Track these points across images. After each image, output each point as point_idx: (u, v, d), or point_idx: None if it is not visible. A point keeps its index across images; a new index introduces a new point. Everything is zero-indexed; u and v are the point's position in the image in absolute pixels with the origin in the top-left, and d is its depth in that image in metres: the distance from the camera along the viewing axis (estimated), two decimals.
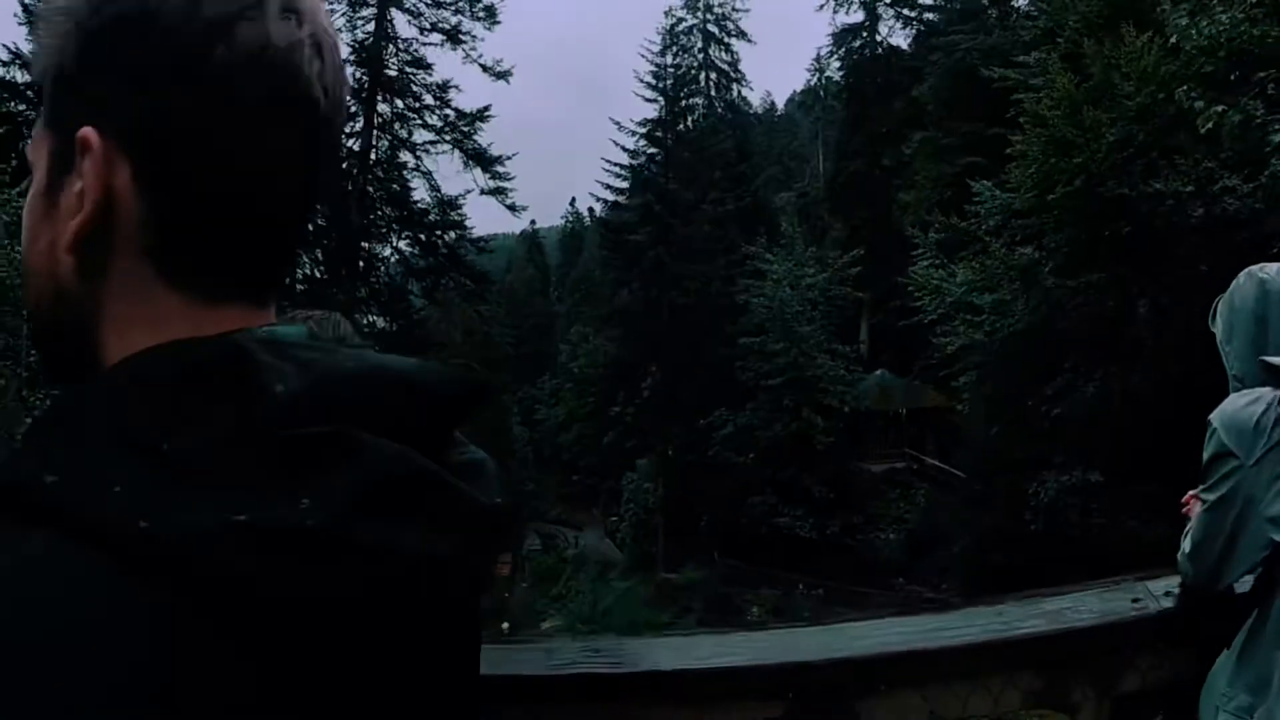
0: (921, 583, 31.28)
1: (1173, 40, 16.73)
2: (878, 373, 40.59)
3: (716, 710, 2.55)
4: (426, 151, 41.19)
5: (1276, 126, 15.55)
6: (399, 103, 40.74)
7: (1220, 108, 12.59)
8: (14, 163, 21.27)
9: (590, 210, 73.65)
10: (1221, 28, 15.19)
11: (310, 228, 40.63)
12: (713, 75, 54.60)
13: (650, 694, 2.61)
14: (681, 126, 46.57)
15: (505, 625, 46.69)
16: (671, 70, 47.38)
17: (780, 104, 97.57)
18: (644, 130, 44.96)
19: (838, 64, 54.06)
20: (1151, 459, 20.67)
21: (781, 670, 2.50)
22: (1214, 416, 2.34)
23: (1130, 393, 20.89)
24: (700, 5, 53.82)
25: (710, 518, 38.94)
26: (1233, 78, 13.81)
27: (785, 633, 2.67)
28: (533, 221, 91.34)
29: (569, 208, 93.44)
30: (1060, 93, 21.14)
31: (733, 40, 54.83)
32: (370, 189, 40.66)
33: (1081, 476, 21.11)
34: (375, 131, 40.26)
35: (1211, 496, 2.40)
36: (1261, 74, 14.12)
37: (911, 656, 2.40)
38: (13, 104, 30.81)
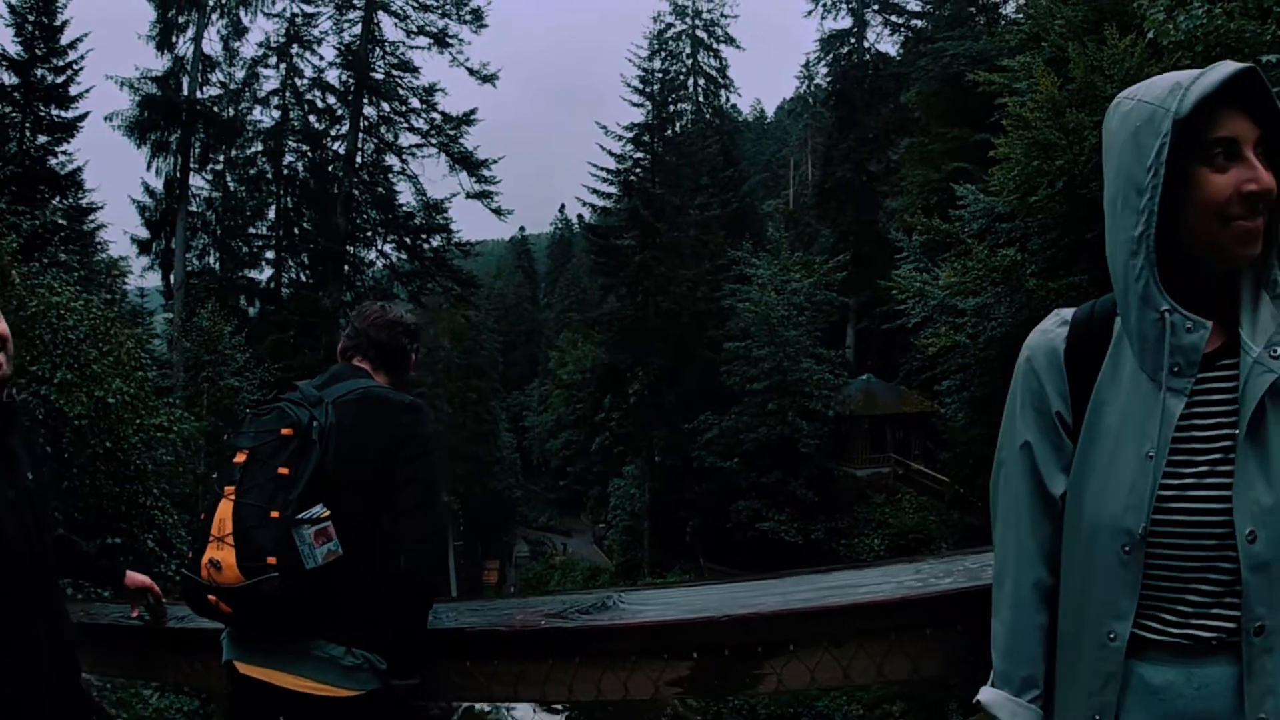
0: None
1: (1150, 35, 16.66)
2: (863, 377, 40.60)
3: (623, 669, 2.48)
4: (413, 155, 41.29)
5: None
6: (385, 106, 40.80)
7: None
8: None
9: (579, 217, 73.65)
10: (1198, 22, 15.16)
11: (296, 231, 40.93)
12: (701, 81, 54.60)
13: (554, 652, 2.54)
14: (669, 132, 46.53)
15: None
16: (659, 75, 47.39)
17: (770, 111, 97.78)
18: (631, 135, 44.92)
19: (825, 70, 54.12)
20: None
21: (687, 627, 2.43)
22: None
23: None
24: (689, 11, 53.87)
25: (696, 522, 38.89)
26: None
27: (692, 590, 2.61)
28: (521, 228, 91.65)
29: (558, 214, 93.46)
30: (1043, 95, 21.11)
31: (721, 46, 54.85)
32: (356, 192, 40.66)
33: None
34: (361, 134, 40.30)
35: None
36: None
37: (824, 613, 2.33)
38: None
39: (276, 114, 40.58)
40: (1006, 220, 23.92)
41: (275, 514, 2.49)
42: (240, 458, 2.66)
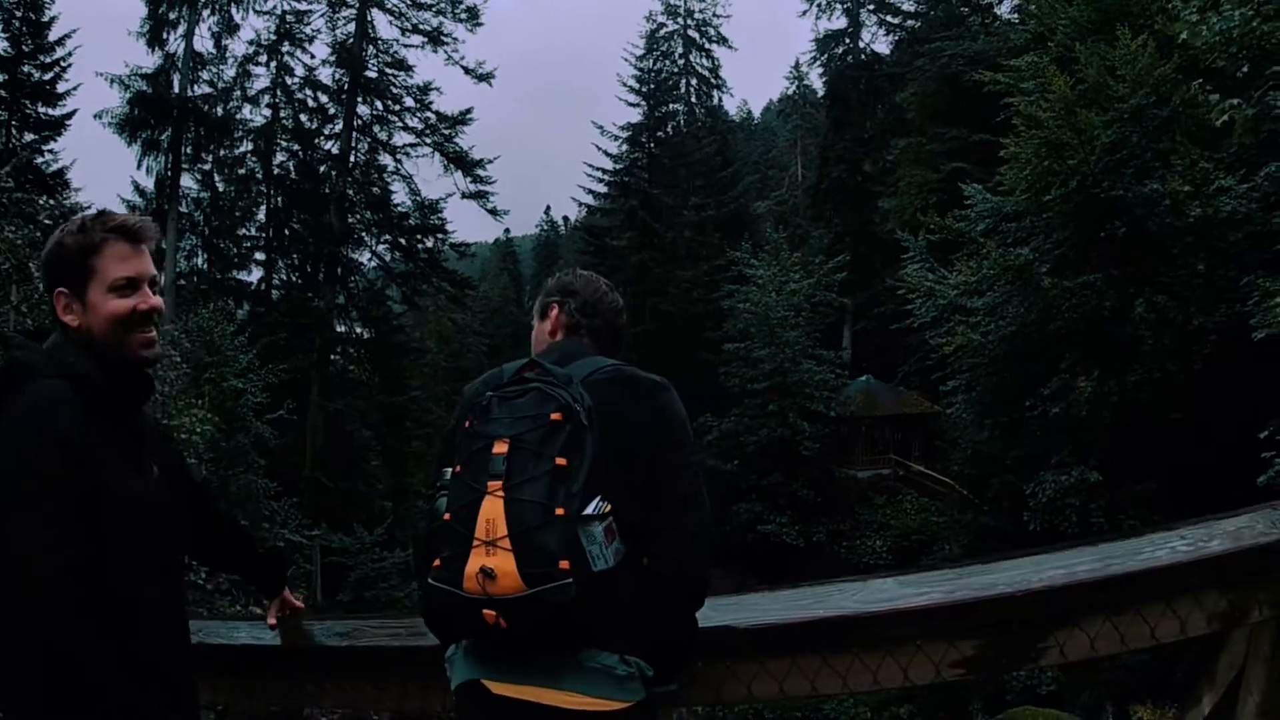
0: None
1: (1182, 37, 16.68)
2: (863, 378, 40.48)
3: (905, 654, 2.35)
4: (407, 154, 40.94)
5: None
6: (379, 104, 40.41)
7: (1235, 101, 12.55)
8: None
9: (565, 219, 73.45)
10: (1233, 24, 15.15)
11: (286, 232, 40.54)
12: (693, 81, 54.42)
13: (829, 642, 2.41)
14: (663, 132, 46.47)
15: None
16: (653, 74, 47.30)
17: (757, 112, 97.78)
18: (626, 134, 44.82)
19: (819, 70, 54.10)
20: (1149, 458, 20.70)
21: (974, 606, 2.31)
22: None
23: (1127, 392, 20.86)
24: (681, 11, 53.74)
25: None
26: (1241, 73, 13.76)
27: (972, 569, 2.46)
28: (507, 230, 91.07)
29: (544, 216, 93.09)
30: (1056, 96, 21.15)
31: (713, 46, 54.75)
32: (349, 192, 40.32)
33: (1080, 476, 21.02)
34: (355, 133, 39.92)
35: None
36: (1276, 68, 14.08)
37: (1108, 583, 2.34)
38: None
39: (267, 112, 40.29)
40: (1014, 220, 23.94)
41: (560, 511, 2.20)
42: (501, 447, 2.31)
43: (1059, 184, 21.49)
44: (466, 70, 40.20)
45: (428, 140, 40.28)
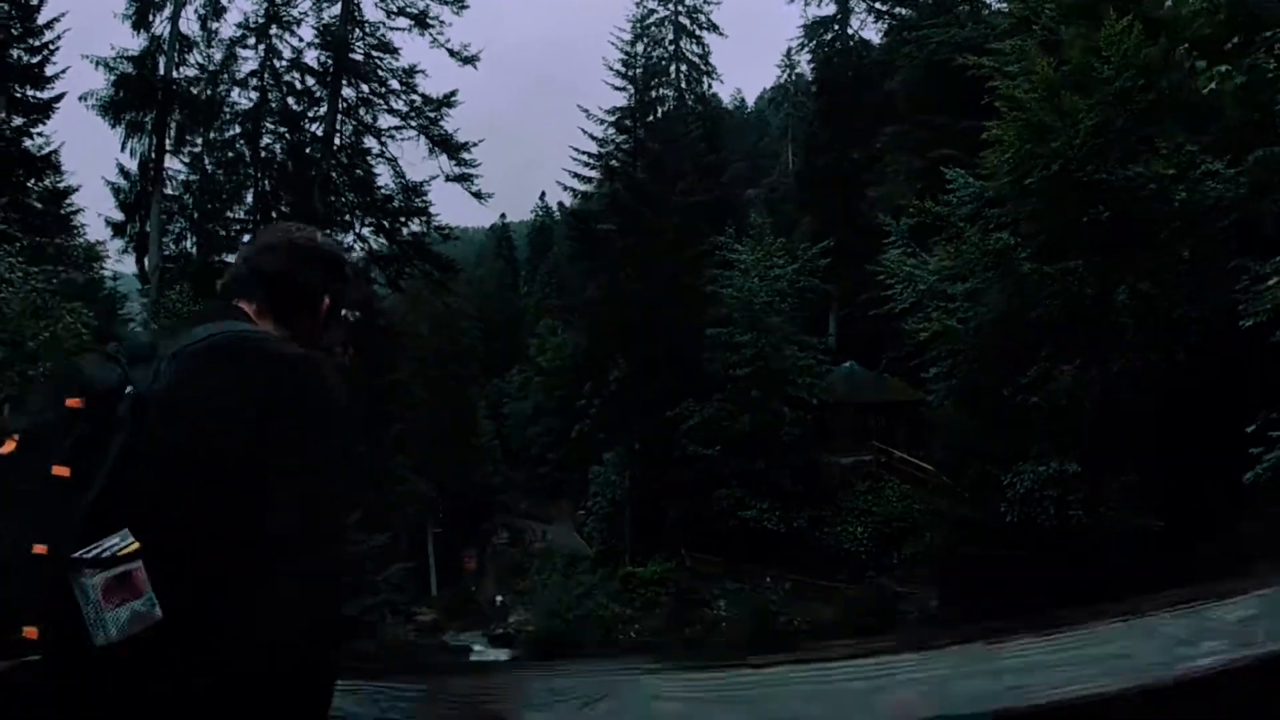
0: (891, 575, 31.04)
1: (1168, 4, 16.39)
2: (846, 365, 40.30)
3: None
4: (392, 137, 40.53)
5: None
6: (364, 87, 40.02)
7: (1223, 68, 12.27)
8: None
9: (560, 204, 73.12)
10: None
11: (274, 215, 40.18)
12: (683, 68, 54.21)
13: None
14: (651, 118, 46.07)
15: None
16: (642, 59, 46.89)
17: (750, 101, 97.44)
18: (613, 119, 44.43)
19: (808, 58, 53.85)
20: (1130, 449, 20.51)
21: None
22: None
23: (1109, 382, 20.69)
24: None
25: (677, 511, 38.46)
26: (1232, 44, 13.45)
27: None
28: (502, 215, 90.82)
29: (538, 202, 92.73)
30: (1039, 77, 20.91)
31: (704, 33, 54.44)
32: (333, 175, 39.99)
33: (1058, 467, 20.82)
34: (339, 116, 39.58)
35: None
36: (1267, 33, 13.80)
37: None
38: None
39: (255, 95, 39.93)
40: (997, 205, 23.71)
41: (41, 548, 1.50)
42: (7, 447, 1.62)
43: (1041, 167, 21.30)
44: (452, 53, 39.79)
45: (413, 123, 39.94)
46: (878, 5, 48.53)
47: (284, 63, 39.93)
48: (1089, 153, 20.59)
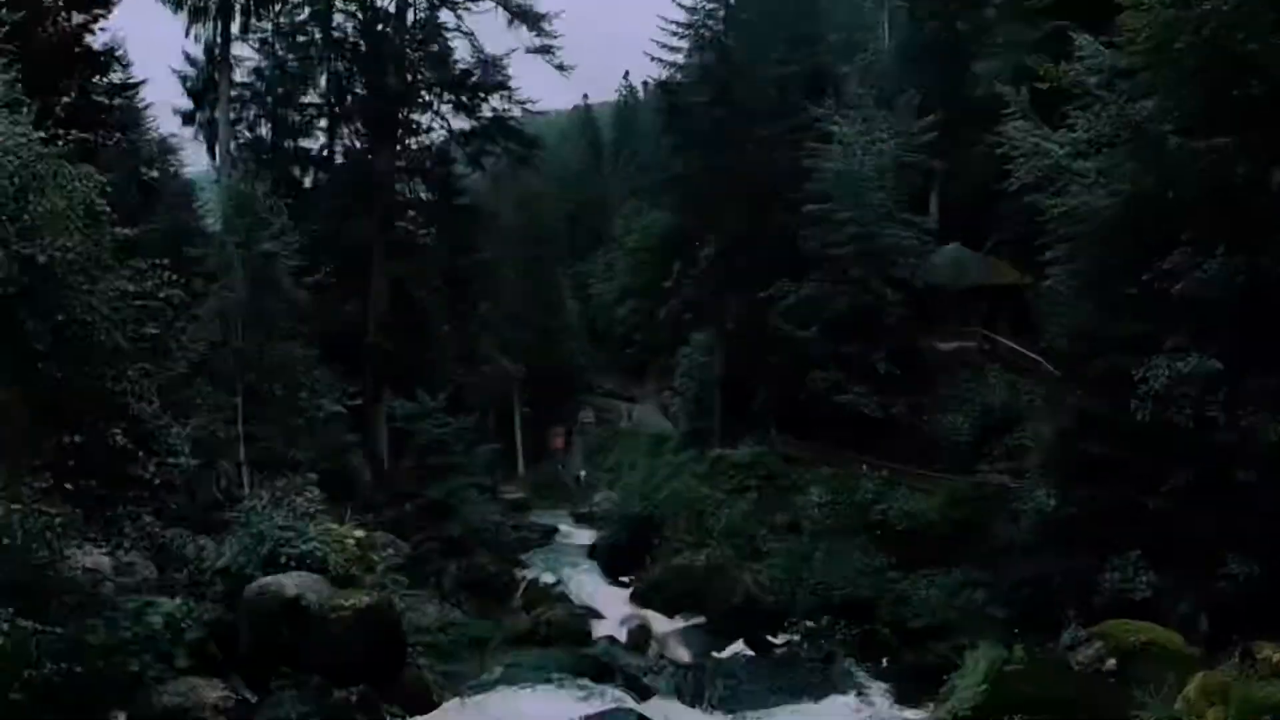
0: (996, 468, 29.67)
1: None
2: (951, 245, 38.12)
3: None
4: (468, 9, 39.28)
5: None
6: None
7: None
8: None
9: (645, 82, 70.76)
10: None
11: (348, 98, 39.30)
12: None
13: None
14: None
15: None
16: None
17: None
18: None
19: None
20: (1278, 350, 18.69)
21: None
22: None
23: (1258, 273, 18.66)
24: None
25: (769, 393, 37.44)
26: None
27: None
28: (585, 95, 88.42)
29: (623, 81, 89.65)
30: None
31: None
32: (408, 51, 38.77)
33: (1199, 363, 18.97)
34: None
35: None
36: None
37: None
38: None
39: None
40: (1132, 75, 21.35)
41: None
42: None
43: (1188, 31, 18.82)
44: None
45: None
46: None
47: None
48: (1242, 18, 18.14)
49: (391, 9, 38.55)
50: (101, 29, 28.84)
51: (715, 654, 27.04)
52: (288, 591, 18.31)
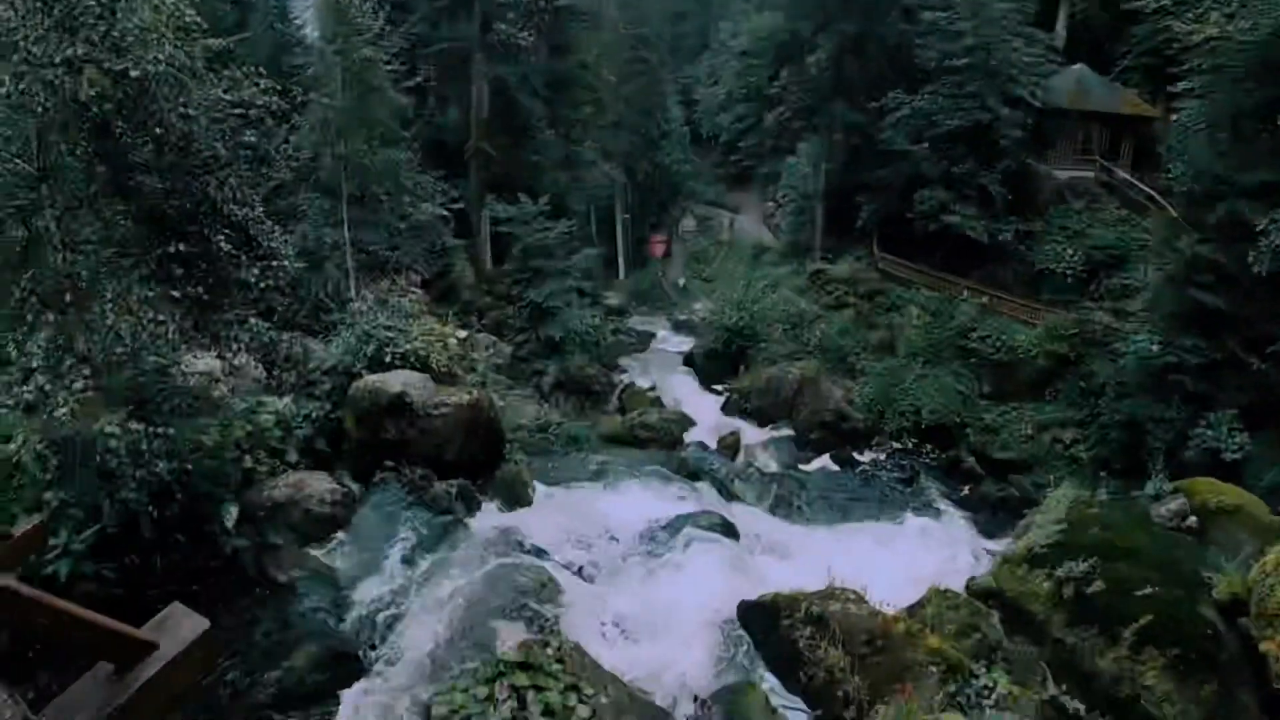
0: (1100, 305, 28.92)
1: None
2: (1076, 66, 35.85)
3: None
4: None
5: None
6: None
7: None
8: None
9: None
10: None
11: None
12: None
13: None
14: None
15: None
16: None
17: None
18: None
19: None
20: None
21: None
22: None
23: None
24: None
25: (874, 208, 36.65)
26: None
27: None
28: None
29: None
30: None
31: None
32: None
33: None
34: None
35: None
36: None
37: None
38: None
39: None
40: None
41: None
42: None
43: None
44: None
45: None
46: None
47: None
48: None
49: None
50: None
51: (801, 466, 27.74)
52: (392, 389, 19.04)
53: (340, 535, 16.89)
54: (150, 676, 3.77)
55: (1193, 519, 15.36)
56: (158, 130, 12.75)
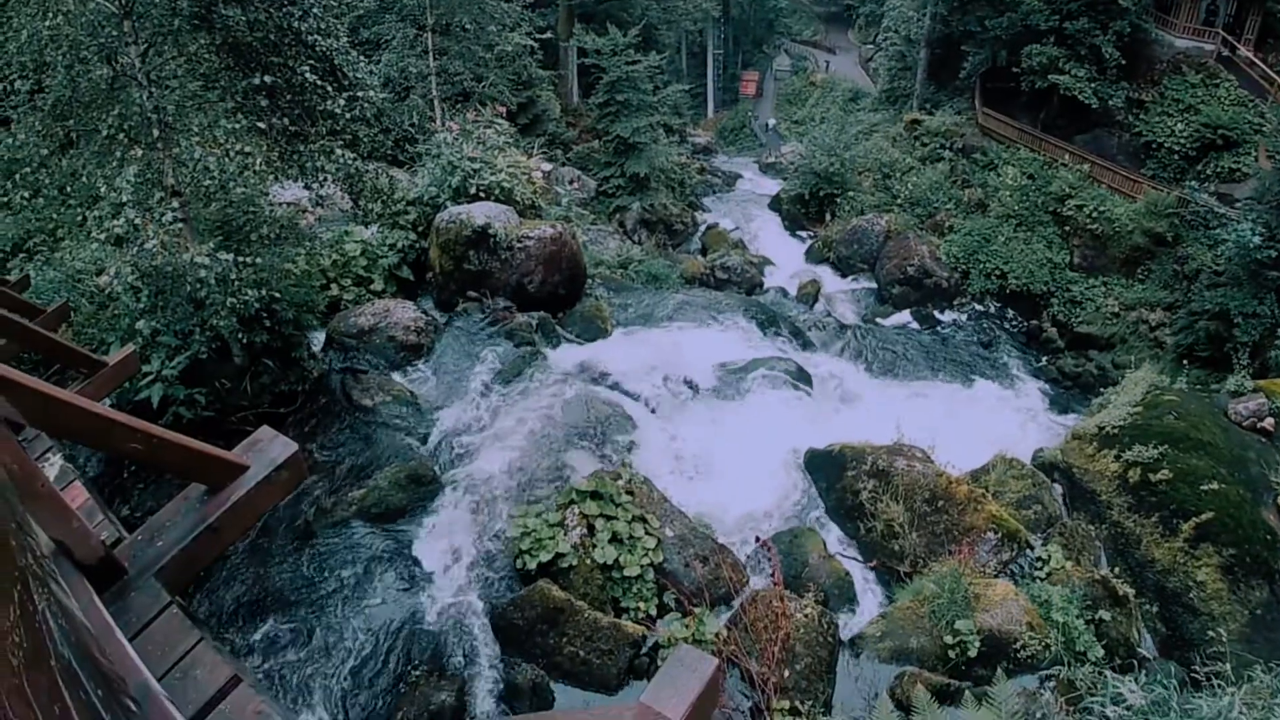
0: (1206, 188, 27.71)
1: None
2: None
3: None
4: None
5: None
6: None
7: None
8: None
9: None
10: None
11: None
12: None
13: None
14: None
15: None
16: None
17: None
18: None
19: None
20: None
21: None
22: None
23: None
24: None
25: (980, 58, 35.11)
26: None
27: None
28: None
29: None
30: None
31: None
32: None
33: None
34: None
35: None
36: None
37: None
38: None
39: None
40: None
41: None
42: None
43: None
44: None
45: None
46: None
47: None
48: None
49: None
50: None
51: (880, 320, 27.56)
52: (476, 220, 19.26)
53: (423, 362, 17.39)
54: (241, 496, 4.01)
55: (1269, 420, 15.12)
56: None
